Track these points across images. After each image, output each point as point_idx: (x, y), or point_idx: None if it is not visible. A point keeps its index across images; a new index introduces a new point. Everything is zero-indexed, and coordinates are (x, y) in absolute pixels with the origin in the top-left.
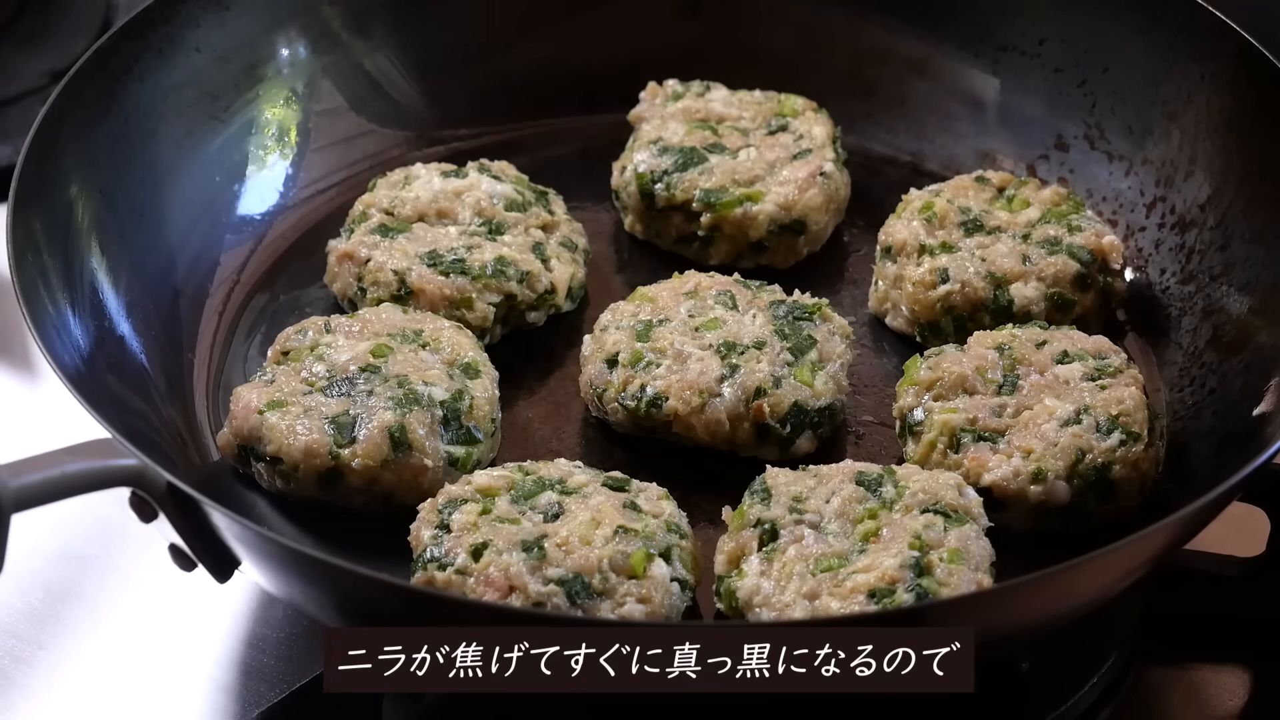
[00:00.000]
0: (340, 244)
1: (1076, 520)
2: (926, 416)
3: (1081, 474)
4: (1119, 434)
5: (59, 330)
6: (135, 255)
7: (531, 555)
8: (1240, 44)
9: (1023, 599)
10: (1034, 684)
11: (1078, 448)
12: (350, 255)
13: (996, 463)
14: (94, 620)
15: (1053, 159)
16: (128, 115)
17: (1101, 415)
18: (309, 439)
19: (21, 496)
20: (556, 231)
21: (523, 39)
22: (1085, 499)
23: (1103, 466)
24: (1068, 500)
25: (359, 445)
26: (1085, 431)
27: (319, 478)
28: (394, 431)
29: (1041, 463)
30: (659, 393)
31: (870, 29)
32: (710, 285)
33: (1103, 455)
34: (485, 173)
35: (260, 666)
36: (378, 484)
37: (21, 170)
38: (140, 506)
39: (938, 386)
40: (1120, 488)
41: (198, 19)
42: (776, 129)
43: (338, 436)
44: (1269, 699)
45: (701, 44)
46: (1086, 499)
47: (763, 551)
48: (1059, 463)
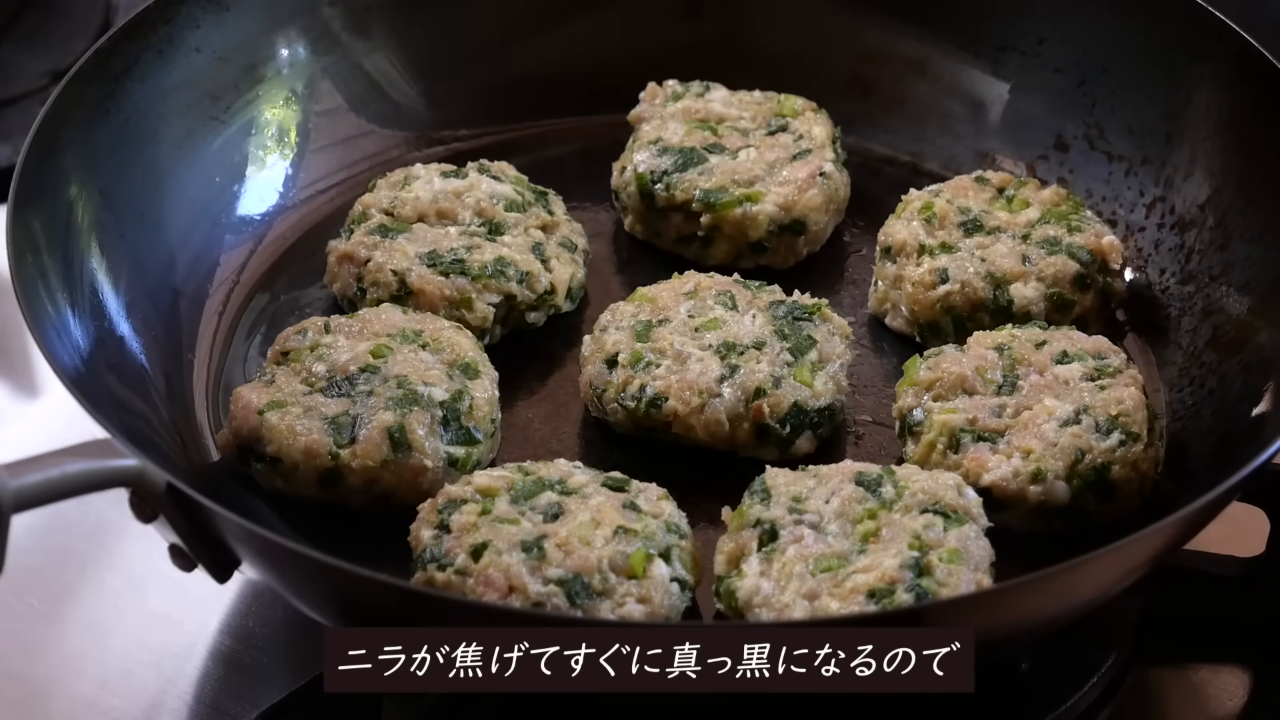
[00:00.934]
0: (340, 244)
1: (1076, 520)
2: (926, 417)
3: (1081, 474)
4: (1119, 434)
5: (59, 330)
6: (135, 255)
7: (531, 555)
8: (1240, 44)
9: (1023, 599)
10: (1034, 684)
11: (1077, 448)
12: (350, 256)
13: (996, 463)
14: (94, 620)
15: (1053, 159)
16: (127, 116)
17: (1101, 415)
18: (308, 439)
19: (21, 497)
20: (556, 232)
21: (522, 39)
22: (1085, 499)
23: (1102, 467)
24: (1067, 500)
25: (358, 446)
26: (1085, 432)
27: (318, 478)
28: (393, 432)
29: (1041, 463)
30: (659, 393)
31: (870, 29)
32: (710, 285)
33: (1102, 455)
34: (485, 173)
35: (260, 666)
36: (377, 484)
37: (21, 170)
38: (140, 507)
39: (937, 387)
40: (1120, 488)
41: (197, 19)
42: (776, 129)
43: (337, 437)
44: (1269, 699)
45: (701, 44)
46: (1086, 499)
47: (762, 552)
48: (1058, 463)
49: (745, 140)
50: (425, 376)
